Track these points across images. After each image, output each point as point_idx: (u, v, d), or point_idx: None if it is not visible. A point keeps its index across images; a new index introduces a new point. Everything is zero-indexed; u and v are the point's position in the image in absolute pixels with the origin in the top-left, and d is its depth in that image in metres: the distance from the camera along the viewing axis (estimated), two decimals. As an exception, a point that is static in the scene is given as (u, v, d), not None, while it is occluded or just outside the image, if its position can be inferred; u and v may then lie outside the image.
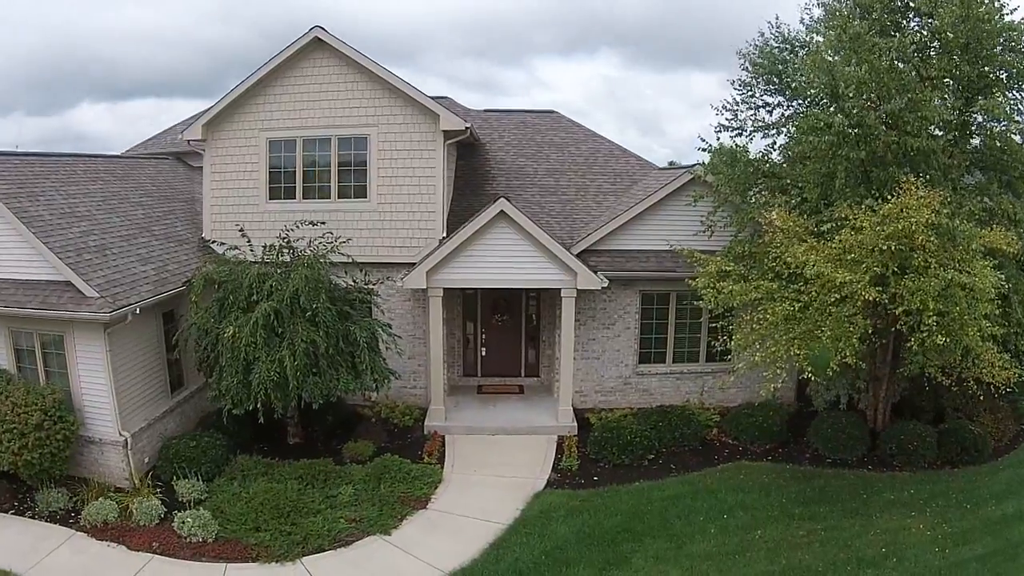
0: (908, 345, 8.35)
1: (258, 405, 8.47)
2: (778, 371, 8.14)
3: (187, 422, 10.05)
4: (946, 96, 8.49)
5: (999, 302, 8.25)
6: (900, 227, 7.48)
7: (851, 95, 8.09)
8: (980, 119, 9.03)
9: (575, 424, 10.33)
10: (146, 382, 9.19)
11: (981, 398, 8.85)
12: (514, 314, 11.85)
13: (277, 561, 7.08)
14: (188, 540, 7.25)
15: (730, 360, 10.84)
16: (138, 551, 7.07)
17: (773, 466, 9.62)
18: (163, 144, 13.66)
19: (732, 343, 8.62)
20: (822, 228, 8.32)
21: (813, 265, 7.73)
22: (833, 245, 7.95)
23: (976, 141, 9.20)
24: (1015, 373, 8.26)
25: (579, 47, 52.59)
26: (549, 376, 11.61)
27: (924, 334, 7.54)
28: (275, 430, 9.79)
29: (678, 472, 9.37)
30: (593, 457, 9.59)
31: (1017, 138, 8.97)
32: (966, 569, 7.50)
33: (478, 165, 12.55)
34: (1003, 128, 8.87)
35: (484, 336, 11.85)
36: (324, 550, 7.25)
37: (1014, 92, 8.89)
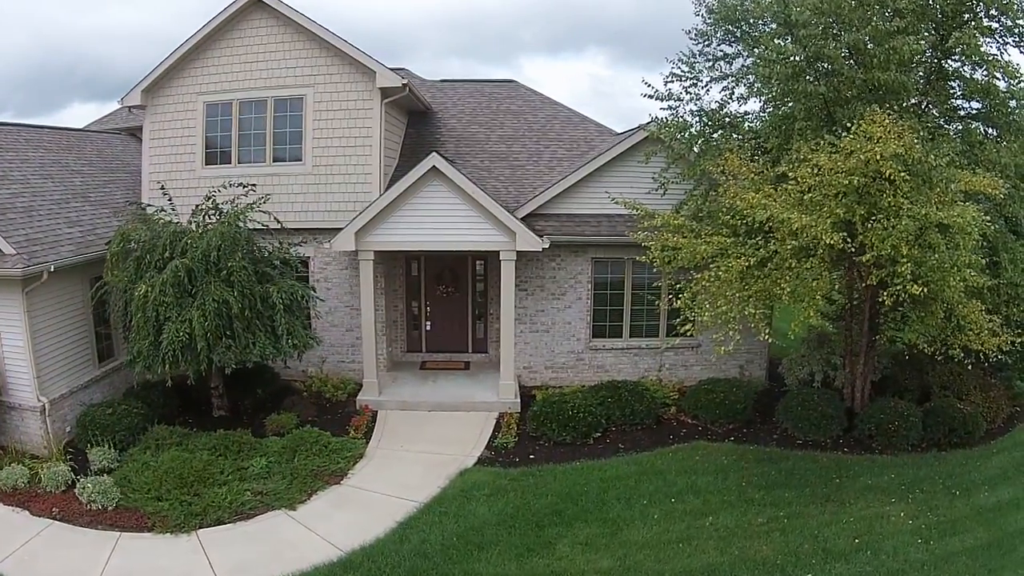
0: (880, 306, 6.94)
1: (167, 368, 7.55)
2: (731, 332, 6.77)
3: (115, 393, 9.13)
4: (921, 27, 7.14)
5: (986, 251, 6.82)
6: (864, 159, 6.11)
7: (805, 21, 6.80)
8: (957, 64, 7.67)
9: (517, 399, 9.00)
10: (70, 348, 8.36)
11: (970, 367, 7.35)
12: (460, 286, 10.60)
13: (172, 532, 6.30)
14: (88, 507, 6.66)
15: (692, 335, 9.43)
16: (39, 516, 6.55)
17: (735, 447, 8.16)
18: (117, 120, 12.90)
19: (680, 302, 7.23)
20: (778, 171, 6.98)
21: (764, 208, 6.39)
22: (790, 187, 6.61)
23: (955, 84, 7.80)
24: (1006, 339, 6.78)
25: (566, 45, 51.16)
26: (498, 352, 10.28)
27: (898, 286, 6.13)
28: (202, 402, 8.88)
29: (626, 452, 7.96)
30: (533, 435, 8.23)
31: (1001, 84, 7.55)
32: (954, 563, 6.03)
33: (428, 133, 11.43)
34: (984, 76, 7.48)
35: (429, 309, 10.60)
36: (223, 523, 6.45)
37: (996, 35, 7.51)
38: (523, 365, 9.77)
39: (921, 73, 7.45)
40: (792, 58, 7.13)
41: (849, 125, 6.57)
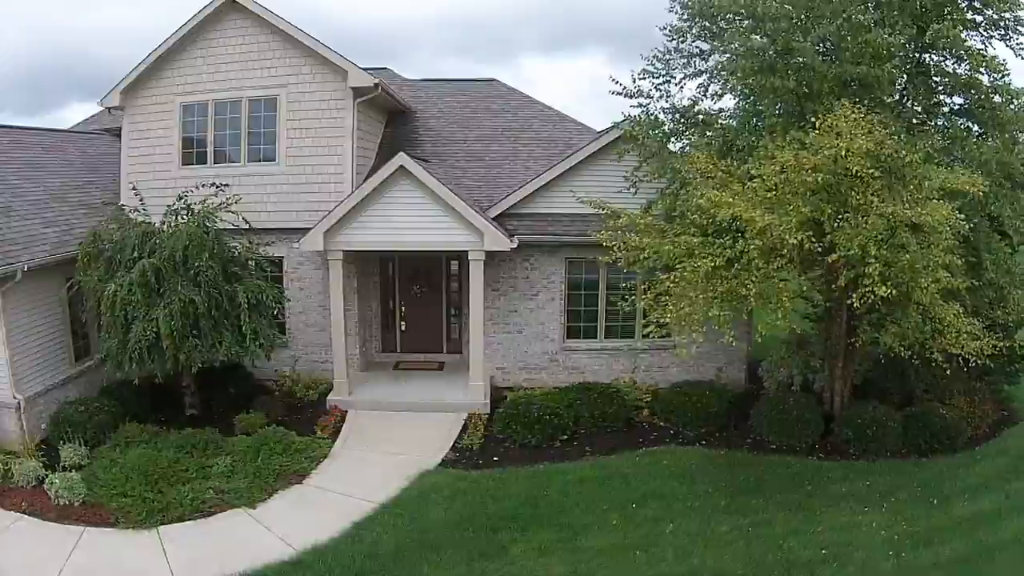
0: (853, 308, 6.64)
1: (134, 366, 7.57)
2: (694, 335, 6.53)
3: (92, 390, 9.12)
4: (899, 19, 6.83)
5: (966, 251, 6.49)
6: (831, 155, 5.84)
7: (773, 15, 6.53)
8: (938, 58, 7.33)
9: (487, 400, 8.83)
10: (45, 347, 8.39)
11: (948, 372, 7.01)
12: (435, 286, 10.46)
13: (134, 528, 6.37)
14: (56, 502, 6.75)
15: (655, 337, 9.13)
16: (9, 510, 6.66)
17: (705, 451, 7.91)
18: (103, 121, 12.96)
19: (643, 303, 7.00)
20: (745, 168, 6.71)
21: (729, 207, 6.14)
22: (756, 185, 6.35)
23: (937, 79, 7.45)
24: (988, 343, 6.44)
25: (564, 45, 50.32)
26: (473, 352, 10.14)
27: (867, 287, 5.85)
28: (175, 401, 8.85)
29: (592, 455, 7.75)
30: (499, 436, 8.06)
31: (984, 79, 7.18)
32: (925, 577, 5.72)
33: (405, 132, 11.30)
34: (967, 70, 7.13)
35: (404, 309, 10.48)
36: (184, 520, 6.52)
37: (981, 28, 7.16)
38: (496, 366, 9.60)
39: (900, 67, 7.12)
40: (764, 53, 6.86)
41: (815, 121, 6.29)
